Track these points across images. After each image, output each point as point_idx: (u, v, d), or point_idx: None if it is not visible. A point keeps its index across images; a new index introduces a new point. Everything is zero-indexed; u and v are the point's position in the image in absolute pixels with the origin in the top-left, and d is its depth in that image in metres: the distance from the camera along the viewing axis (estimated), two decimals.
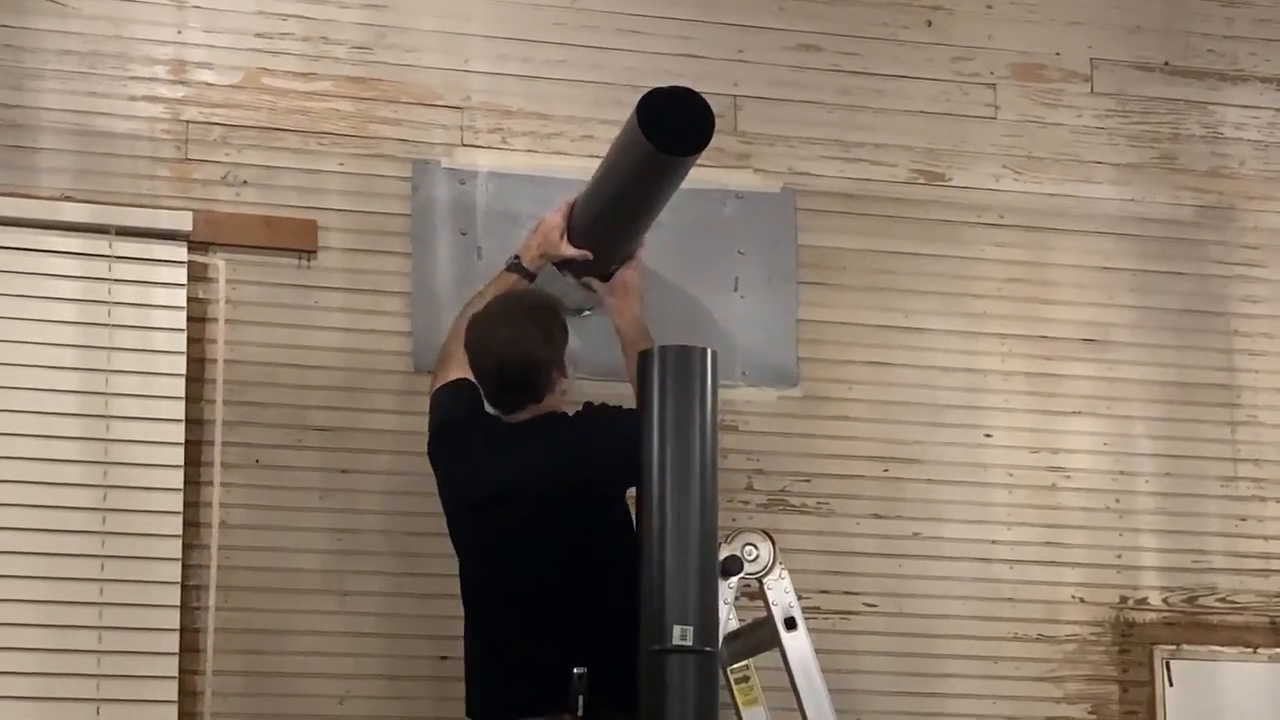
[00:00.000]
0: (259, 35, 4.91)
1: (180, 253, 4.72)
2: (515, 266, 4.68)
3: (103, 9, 4.82)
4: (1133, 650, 5.14)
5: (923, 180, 5.24)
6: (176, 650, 4.59)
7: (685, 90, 4.42)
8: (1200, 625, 5.19)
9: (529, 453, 4.29)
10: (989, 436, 5.17)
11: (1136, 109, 5.40)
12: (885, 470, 5.09)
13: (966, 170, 5.27)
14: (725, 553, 4.20)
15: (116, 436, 4.62)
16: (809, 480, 5.04)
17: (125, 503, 4.60)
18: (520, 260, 4.69)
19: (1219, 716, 5.12)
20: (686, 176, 4.53)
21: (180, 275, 4.71)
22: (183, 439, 4.66)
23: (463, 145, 4.98)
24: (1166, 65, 5.44)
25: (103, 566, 4.58)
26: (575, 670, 4.08)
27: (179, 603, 4.61)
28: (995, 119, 5.31)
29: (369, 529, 4.78)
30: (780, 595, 4.27)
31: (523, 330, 4.32)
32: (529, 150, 5.01)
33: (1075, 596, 5.14)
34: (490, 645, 4.29)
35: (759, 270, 5.08)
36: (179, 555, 4.62)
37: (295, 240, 4.84)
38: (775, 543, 4.29)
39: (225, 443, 4.71)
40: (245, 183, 4.85)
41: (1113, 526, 5.19)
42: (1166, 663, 5.11)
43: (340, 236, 4.88)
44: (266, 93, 4.89)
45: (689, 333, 4.72)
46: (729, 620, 4.25)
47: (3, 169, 4.71)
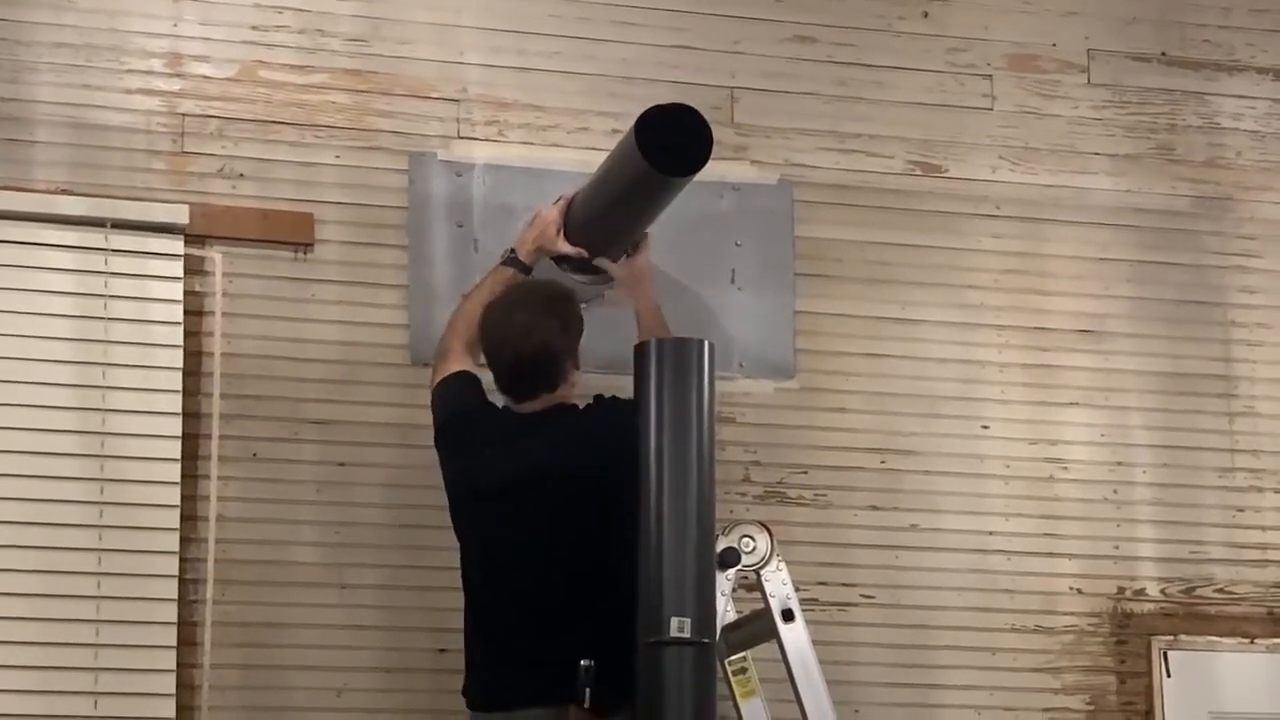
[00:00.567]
0: (254, 28, 4.90)
1: (177, 246, 4.72)
2: (511, 260, 4.67)
3: (98, 2, 4.82)
4: (1130, 641, 5.14)
5: (919, 171, 5.24)
6: (174, 643, 4.59)
7: (685, 108, 4.41)
8: (1198, 616, 5.18)
9: (540, 444, 4.28)
10: (986, 428, 5.16)
11: (1133, 100, 5.39)
12: (882, 462, 5.09)
13: (963, 161, 5.26)
14: (723, 545, 4.20)
15: (113, 430, 4.62)
16: (806, 472, 5.03)
17: (122, 496, 4.60)
18: (515, 254, 4.68)
19: (1217, 707, 5.12)
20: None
21: (177, 268, 4.71)
22: (180, 432, 4.65)
23: (459, 138, 4.98)
24: (1163, 56, 5.44)
25: (100, 560, 4.58)
26: (583, 662, 4.08)
27: (176, 596, 4.61)
28: (992, 110, 5.31)
29: (366, 522, 4.78)
30: (778, 587, 4.27)
31: (540, 318, 4.31)
32: (525, 142, 5.01)
33: (1073, 587, 5.14)
34: (494, 636, 4.28)
35: (756, 262, 5.08)
36: (176, 548, 4.62)
37: (292, 233, 4.83)
38: (773, 534, 4.29)
39: (222, 436, 4.71)
40: (241, 176, 4.84)
41: (1110, 517, 5.19)
42: (1164, 653, 5.11)
43: (337, 229, 4.88)
44: (262, 86, 4.89)
45: (686, 325, 4.70)
46: (726, 612, 4.26)
47: None
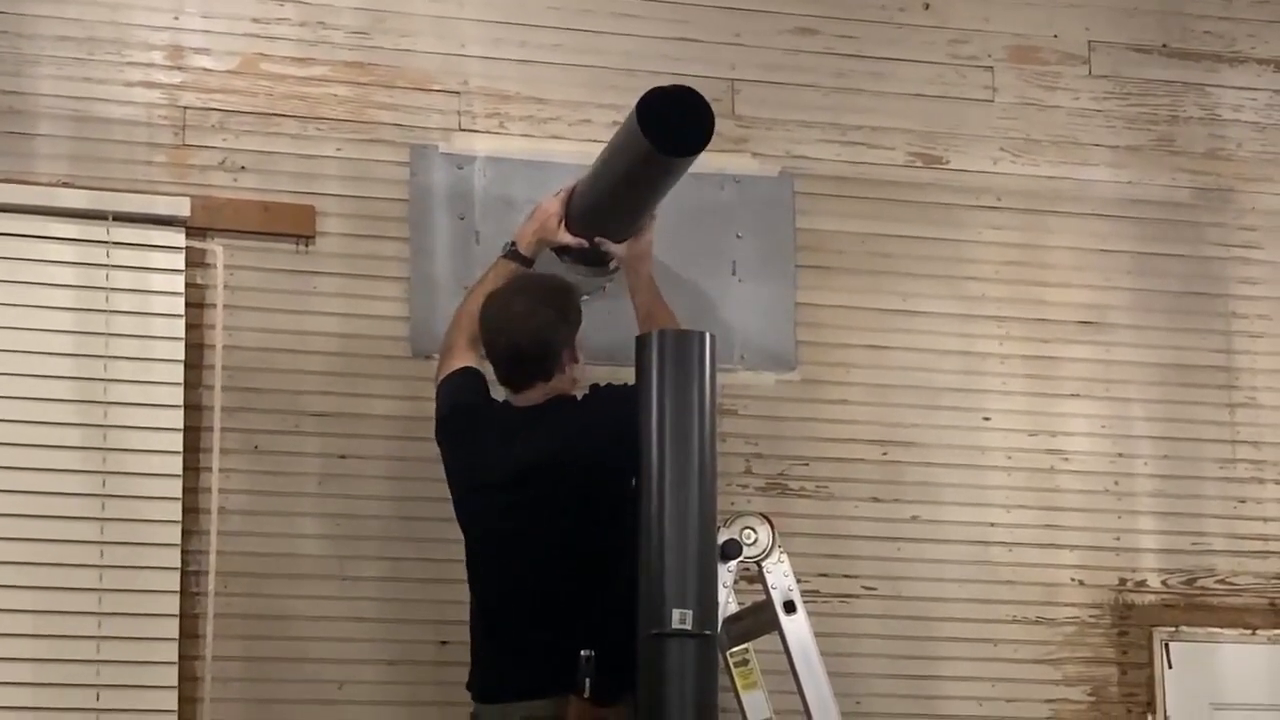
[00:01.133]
0: (256, 20, 4.90)
1: (178, 238, 4.72)
2: (512, 253, 4.67)
3: None
4: (1131, 632, 5.14)
5: (920, 163, 5.23)
6: (176, 636, 4.59)
7: (686, 89, 4.40)
8: (1199, 607, 5.19)
9: (540, 436, 4.29)
10: (987, 419, 5.16)
11: (1134, 91, 5.39)
12: (884, 453, 5.09)
13: (964, 153, 5.26)
14: (724, 536, 4.20)
15: (115, 423, 4.62)
16: (807, 464, 5.04)
17: (124, 489, 4.60)
18: (516, 246, 4.68)
19: (1218, 698, 5.12)
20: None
21: (178, 261, 4.71)
22: (181, 425, 4.66)
23: (460, 130, 4.98)
24: (1164, 47, 5.43)
25: (102, 553, 4.58)
26: (583, 652, 4.08)
27: (178, 588, 4.61)
28: (993, 101, 5.31)
29: (368, 514, 4.78)
30: (779, 579, 4.27)
31: (538, 307, 4.33)
32: (526, 135, 5.01)
33: (1074, 579, 5.14)
34: (496, 628, 4.29)
35: (757, 254, 5.08)
36: (178, 541, 4.62)
37: (293, 225, 4.83)
38: (774, 526, 4.29)
39: (224, 428, 4.71)
40: (243, 168, 4.84)
41: (1111, 509, 5.19)
42: (1165, 644, 5.11)
43: (338, 222, 4.88)
44: (264, 78, 4.89)
45: (687, 317, 4.71)
46: (728, 604, 4.25)
47: (0, 155, 4.71)
